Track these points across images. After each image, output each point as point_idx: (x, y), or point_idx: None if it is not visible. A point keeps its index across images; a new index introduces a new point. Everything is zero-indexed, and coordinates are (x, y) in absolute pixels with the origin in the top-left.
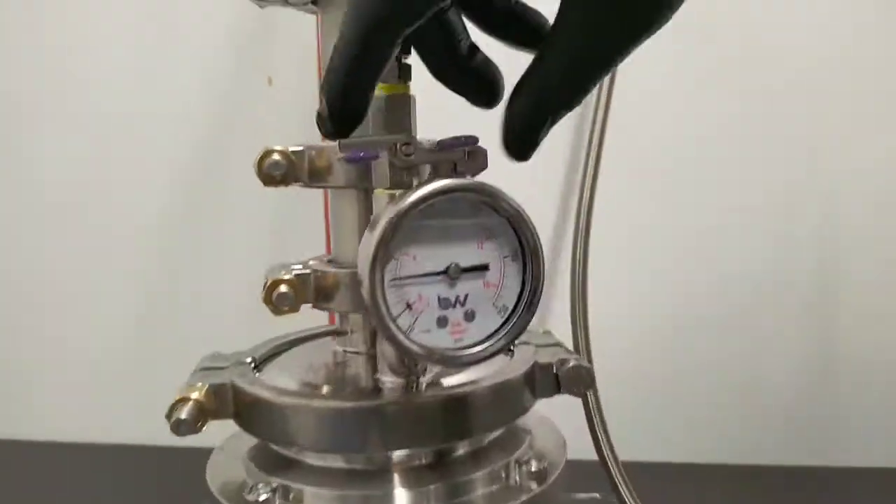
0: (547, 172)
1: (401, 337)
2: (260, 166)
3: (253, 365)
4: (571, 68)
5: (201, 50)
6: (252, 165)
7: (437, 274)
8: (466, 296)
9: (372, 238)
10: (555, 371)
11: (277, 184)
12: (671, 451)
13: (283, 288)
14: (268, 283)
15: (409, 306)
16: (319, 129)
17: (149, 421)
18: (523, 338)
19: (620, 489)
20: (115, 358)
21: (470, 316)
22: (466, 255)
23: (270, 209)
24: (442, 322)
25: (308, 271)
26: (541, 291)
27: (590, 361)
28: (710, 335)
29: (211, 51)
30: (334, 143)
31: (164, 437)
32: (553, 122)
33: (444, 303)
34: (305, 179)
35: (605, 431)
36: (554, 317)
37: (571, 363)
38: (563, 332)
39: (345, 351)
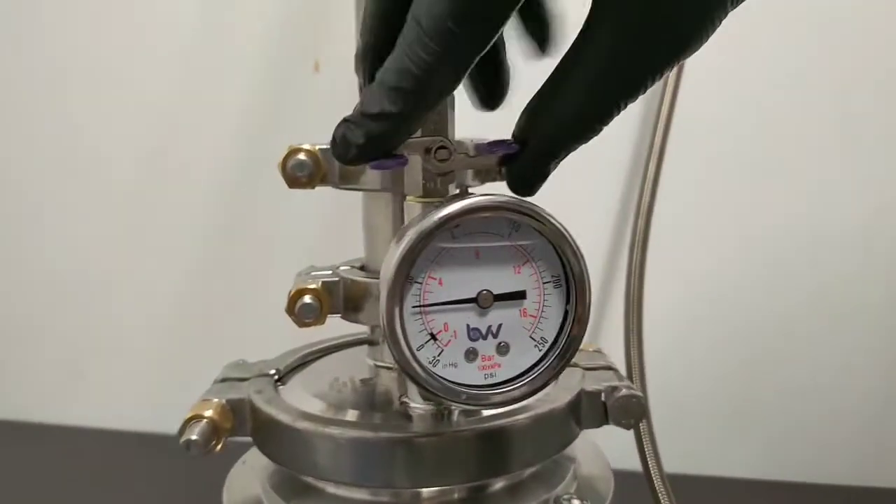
0: (604, 181)
1: (421, 373)
2: (284, 166)
3: (277, 377)
4: (592, 99)
5: (243, 37)
6: (276, 166)
7: (466, 301)
8: (500, 326)
9: (391, 260)
10: (603, 400)
11: (303, 185)
12: (726, 467)
13: (307, 298)
14: (291, 293)
15: (433, 337)
16: (336, 152)
17: None
18: None
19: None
20: (160, 350)
21: (503, 349)
22: (500, 280)
23: (322, 203)
24: (471, 355)
25: (336, 279)
26: (586, 323)
27: (643, 381)
28: (771, 349)
29: (253, 37)
30: None
31: None
32: (565, 156)
33: (473, 333)
34: (335, 181)
35: (655, 450)
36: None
37: (622, 392)
38: (615, 343)
39: (376, 364)
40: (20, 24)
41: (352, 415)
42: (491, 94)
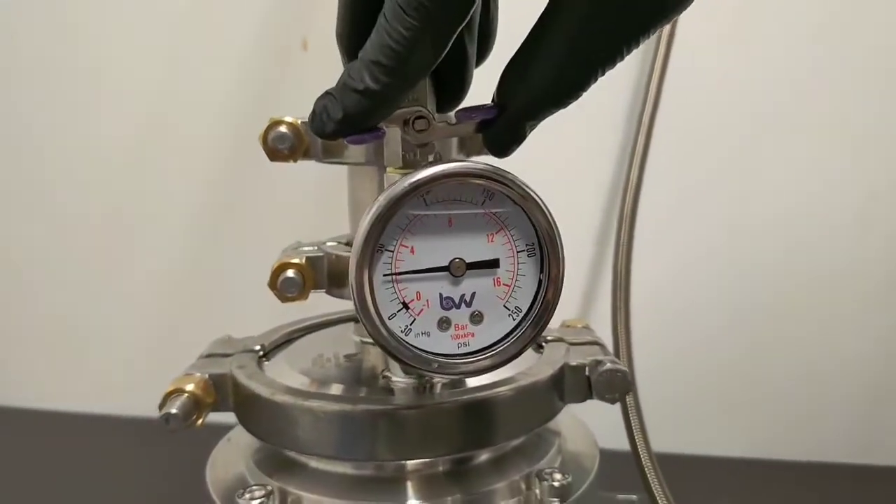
0: (596, 157)
1: (392, 341)
2: (264, 139)
3: (261, 353)
4: (568, 66)
5: (232, 15)
6: (257, 138)
7: (439, 270)
8: (473, 295)
9: (361, 227)
10: (587, 374)
11: (285, 158)
12: (714, 446)
13: (289, 273)
14: (274, 267)
15: (405, 306)
16: (314, 126)
17: None
18: (556, 334)
19: (652, 486)
20: (150, 334)
21: (477, 318)
22: (473, 248)
23: (311, 179)
24: (444, 324)
25: (321, 254)
26: (559, 292)
27: (630, 359)
28: (762, 326)
29: (242, 15)
30: None
31: None
32: (542, 119)
33: (446, 302)
34: (318, 155)
35: (642, 427)
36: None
37: (606, 366)
38: (605, 322)
39: (361, 341)
40: (9, 19)
41: (335, 389)
42: (449, 93)
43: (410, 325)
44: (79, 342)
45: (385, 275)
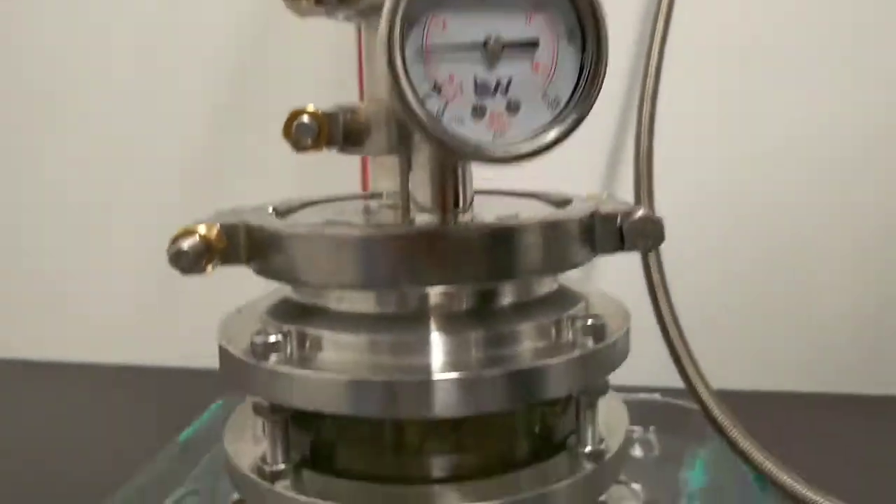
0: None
1: (427, 120)
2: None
3: (274, 214)
4: None
5: None
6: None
7: (474, 47)
8: (510, 81)
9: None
10: (619, 224)
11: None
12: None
13: (304, 118)
14: (288, 115)
15: (437, 88)
16: None
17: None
18: (584, 196)
19: (693, 382)
20: (146, 283)
21: (514, 107)
22: (511, 26)
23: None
24: (479, 112)
25: (337, 111)
26: (602, 79)
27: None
28: (770, 255)
29: None
30: None
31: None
32: None
33: (481, 88)
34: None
35: (693, 360)
36: None
37: (639, 214)
38: None
39: (380, 205)
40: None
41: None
42: None
43: (443, 109)
44: (66, 290)
45: (416, 51)
